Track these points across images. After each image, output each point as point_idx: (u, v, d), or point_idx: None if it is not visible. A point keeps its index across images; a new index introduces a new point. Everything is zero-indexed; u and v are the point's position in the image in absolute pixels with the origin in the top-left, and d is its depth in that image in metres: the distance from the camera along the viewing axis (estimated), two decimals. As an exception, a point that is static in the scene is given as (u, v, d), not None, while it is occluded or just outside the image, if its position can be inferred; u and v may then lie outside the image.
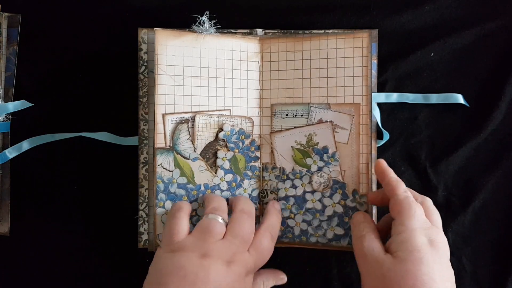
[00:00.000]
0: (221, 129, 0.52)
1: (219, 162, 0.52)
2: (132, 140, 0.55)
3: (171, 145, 0.50)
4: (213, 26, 0.51)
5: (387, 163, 0.55)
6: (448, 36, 0.56)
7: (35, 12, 0.55)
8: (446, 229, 0.55)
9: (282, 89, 0.53)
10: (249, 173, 0.53)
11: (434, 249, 0.42)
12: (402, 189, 0.46)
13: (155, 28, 0.50)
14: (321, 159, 0.51)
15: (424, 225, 0.43)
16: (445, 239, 0.44)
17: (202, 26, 0.51)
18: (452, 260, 0.55)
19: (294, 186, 0.52)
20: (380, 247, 0.44)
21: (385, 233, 0.47)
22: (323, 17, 0.56)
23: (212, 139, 0.52)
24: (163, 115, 0.50)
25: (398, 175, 0.55)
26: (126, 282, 0.55)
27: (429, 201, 0.47)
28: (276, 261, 0.55)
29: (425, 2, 0.57)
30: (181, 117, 0.51)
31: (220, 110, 0.52)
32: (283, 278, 0.52)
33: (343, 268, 0.55)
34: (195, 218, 0.51)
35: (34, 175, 0.55)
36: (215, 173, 0.52)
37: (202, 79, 0.51)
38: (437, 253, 0.42)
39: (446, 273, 0.42)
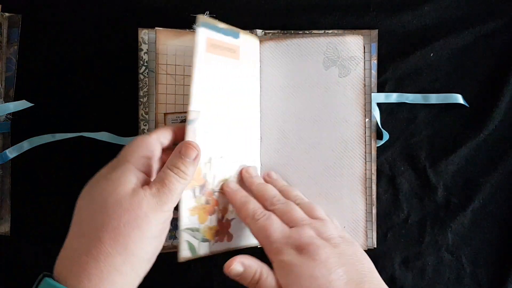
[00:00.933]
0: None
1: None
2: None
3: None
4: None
5: (387, 163, 0.56)
6: (448, 36, 0.57)
7: (35, 12, 0.55)
8: (446, 229, 0.56)
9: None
10: None
11: (303, 254, 0.40)
12: (249, 216, 0.44)
13: (156, 28, 0.50)
14: None
15: (283, 236, 0.42)
16: (313, 230, 0.42)
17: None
18: (452, 260, 0.56)
19: None
20: (277, 282, 0.40)
21: None
22: (323, 17, 0.56)
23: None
24: (164, 114, 0.50)
25: (398, 175, 0.56)
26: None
27: (292, 191, 0.48)
28: (276, 261, 0.55)
29: (425, 2, 0.57)
30: (181, 117, 0.51)
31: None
32: (189, 144, 0.42)
33: (343, 268, 0.55)
34: None
35: (34, 175, 0.55)
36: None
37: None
38: (310, 256, 0.40)
39: (330, 265, 0.39)
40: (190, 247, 0.45)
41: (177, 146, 0.42)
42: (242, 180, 0.50)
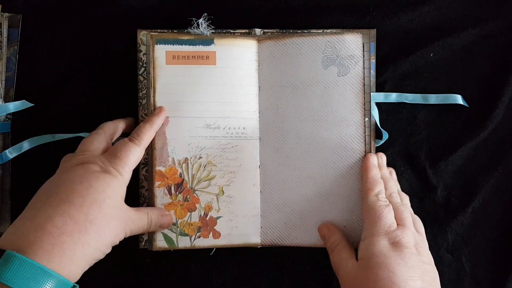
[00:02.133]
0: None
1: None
2: (132, 141, 0.55)
3: (170, 144, 0.51)
4: (209, 27, 0.52)
5: (387, 163, 0.56)
6: (447, 36, 0.57)
7: (36, 12, 0.56)
8: (446, 229, 0.55)
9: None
10: None
11: (396, 251, 0.43)
12: (374, 193, 0.48)
13: (151, 33, 0.50)
14: None
15: (389, 228, 0.45)
16: (414, 238, 0.45)
17: (197, 29, 0.52)
18: (452, 260, 0.56)
19: None
20: (350, 256, 0.47)
21: None
22: (323, 17, 0.56)
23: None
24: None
25: (398, 175, 0.55)
26: (127, 282, 0.55)
27: (405, 199, 0.51)
28: (276, 260, 0.55)
29: (425, 2, 0.57)
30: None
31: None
32: (168, 215, 0.51)
33: (343, 268, 0.55)
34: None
35: (34, 175, 0.55)
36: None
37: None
38: (400, 255, 0.43)
39: (413, 273, 0.42)
40: (166, 238, 0.51)
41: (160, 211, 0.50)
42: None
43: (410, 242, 0.44)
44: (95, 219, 0.41)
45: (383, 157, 0.53)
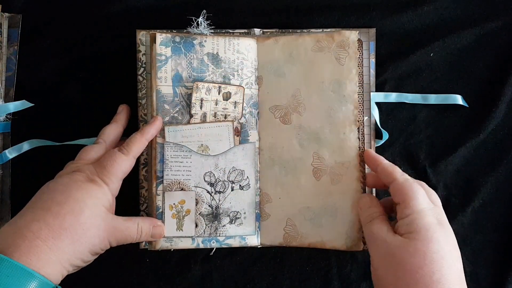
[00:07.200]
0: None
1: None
2: (132, 141, 0.55)
3: (169, 144, 0.51)
4: (209, 27, 0.52)
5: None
6: (447, 36, 0.57)
7: (35, 12, 0.56)
8: (445, 229, 0.55)
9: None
10: None
11: (443, 228, 0.43)
12: (400, 173, 0.47)
13: (150, 32, 0.50)
14: None
15: (429, 205, 0.44)
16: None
17: (197, 28, 0.52)
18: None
19: None
20: (389, 229, 0.45)
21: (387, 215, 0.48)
22: (323, 17, 0.56)
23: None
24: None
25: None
26: (127, 282, 0.55)
27: (424, 184, 0.48)
28: (276, 261, 0.55)
29: (424, 2, 0.57)
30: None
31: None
32: (160, 225, 0.50)
33: (343, 268, 0.55)
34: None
35: (34, 175, 0.55)
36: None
37: (200, 79, 0.52)
38: (446, 232, 0.43)
39: (455, 253, 0.43)
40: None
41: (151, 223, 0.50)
42: None
43: (447, 221, 0.45)
44: (69, 227, 0.41)
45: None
